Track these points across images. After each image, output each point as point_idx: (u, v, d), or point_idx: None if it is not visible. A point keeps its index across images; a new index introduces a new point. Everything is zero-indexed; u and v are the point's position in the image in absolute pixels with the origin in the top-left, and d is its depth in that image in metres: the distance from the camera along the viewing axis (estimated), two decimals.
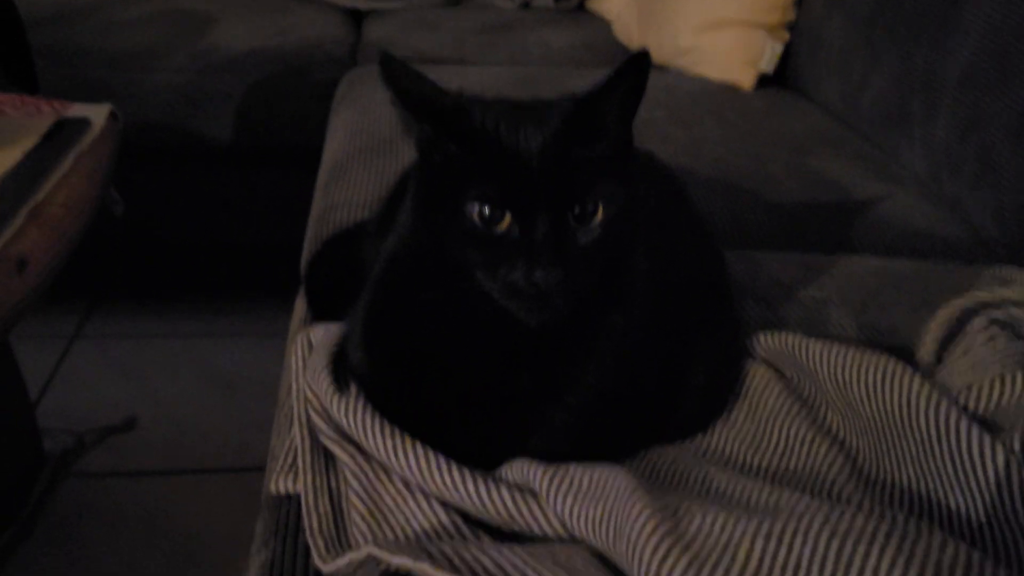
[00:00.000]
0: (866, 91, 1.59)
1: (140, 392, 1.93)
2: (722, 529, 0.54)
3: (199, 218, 2.14)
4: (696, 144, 1.50)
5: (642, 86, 0.64)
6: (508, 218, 0.61)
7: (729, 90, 1.84)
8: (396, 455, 0.67)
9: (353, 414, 0.70)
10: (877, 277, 1.07)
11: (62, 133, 1.30)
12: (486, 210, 0.61)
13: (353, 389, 0.73)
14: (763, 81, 1.87)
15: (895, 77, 1.49)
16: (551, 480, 0.61)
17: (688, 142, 1.51)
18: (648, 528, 0.54)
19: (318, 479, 0.71)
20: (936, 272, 1.09)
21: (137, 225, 1.74)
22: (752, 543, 0.52)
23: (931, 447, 0.65)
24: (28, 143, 1.23)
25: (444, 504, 0.66)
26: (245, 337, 2.13)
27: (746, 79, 1.85)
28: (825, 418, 0.75)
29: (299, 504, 0.71)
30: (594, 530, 0.58)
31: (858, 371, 0.73)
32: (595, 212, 0.62)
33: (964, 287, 1.05)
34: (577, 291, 0.62)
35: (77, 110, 1.41)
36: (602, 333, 0.69)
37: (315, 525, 0.67)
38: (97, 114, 1.39)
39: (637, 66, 0.62)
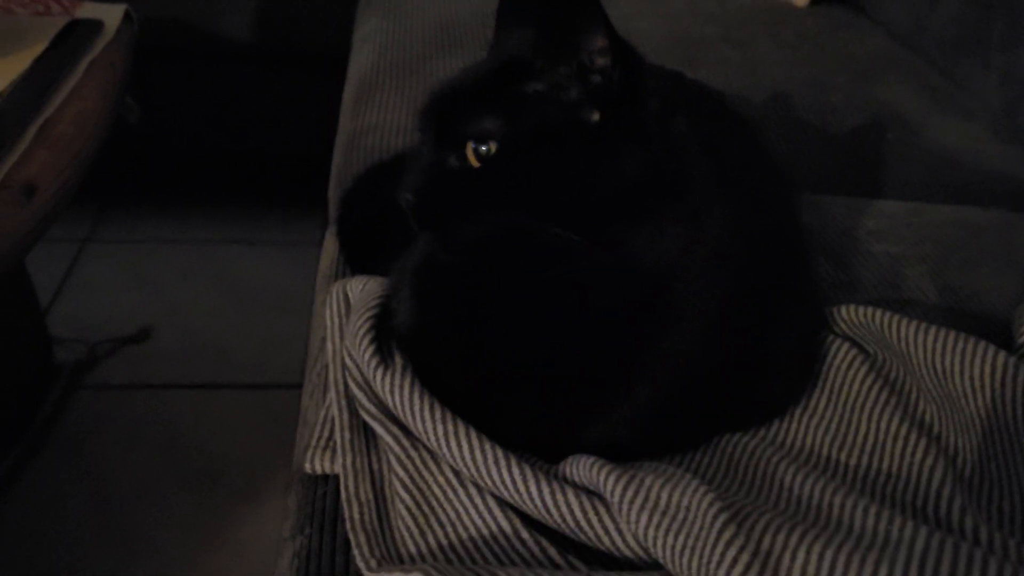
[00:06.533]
0: (937, 10, 1.46)
1: (154, 300, 1.89)
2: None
3: (217, 122, 2.05)
4: (752, 67, 1.40)
5: None
6: None
7: (781, 5, 1.70)
8: (447, 443, 0.60)
9: (399, 391, 0.63)
10: (954, 229, 0.99)
11: (73, 37, 1.20)
12: None
13: (398, 360, 0.66)
14: None
15: None
16: (624, 489, 0.54)
17: (743, 64, 1.40)
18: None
19: (358, 460, 0.64)
20: (1019, 225, 1.01)
21: (152, 129, 1.65)
22: None
23: None
24: (37, 48, 1.14)
25: (500, 501, 0.59)
26: (261, 245, 2.07)
27: None
28: (918, 407, 0.68)
29: (336, 485, 0.65)
30: (675, 561, 0.52)
31: (961, 361, 0.65)
32: None
33: None
34: None
35: (89, 10, 1.31)
36: (695, 297, 0.61)
37: (356, 516, 0.61)
38: (111, 15, 1.30)
39: None
